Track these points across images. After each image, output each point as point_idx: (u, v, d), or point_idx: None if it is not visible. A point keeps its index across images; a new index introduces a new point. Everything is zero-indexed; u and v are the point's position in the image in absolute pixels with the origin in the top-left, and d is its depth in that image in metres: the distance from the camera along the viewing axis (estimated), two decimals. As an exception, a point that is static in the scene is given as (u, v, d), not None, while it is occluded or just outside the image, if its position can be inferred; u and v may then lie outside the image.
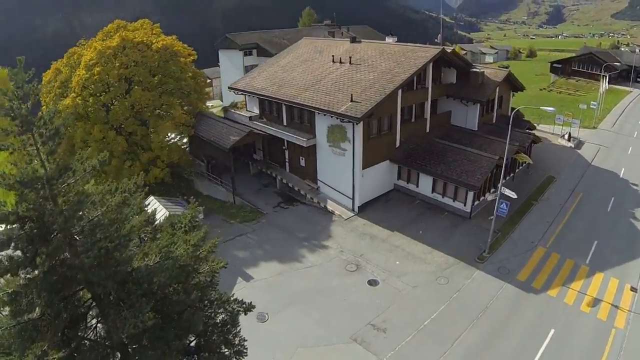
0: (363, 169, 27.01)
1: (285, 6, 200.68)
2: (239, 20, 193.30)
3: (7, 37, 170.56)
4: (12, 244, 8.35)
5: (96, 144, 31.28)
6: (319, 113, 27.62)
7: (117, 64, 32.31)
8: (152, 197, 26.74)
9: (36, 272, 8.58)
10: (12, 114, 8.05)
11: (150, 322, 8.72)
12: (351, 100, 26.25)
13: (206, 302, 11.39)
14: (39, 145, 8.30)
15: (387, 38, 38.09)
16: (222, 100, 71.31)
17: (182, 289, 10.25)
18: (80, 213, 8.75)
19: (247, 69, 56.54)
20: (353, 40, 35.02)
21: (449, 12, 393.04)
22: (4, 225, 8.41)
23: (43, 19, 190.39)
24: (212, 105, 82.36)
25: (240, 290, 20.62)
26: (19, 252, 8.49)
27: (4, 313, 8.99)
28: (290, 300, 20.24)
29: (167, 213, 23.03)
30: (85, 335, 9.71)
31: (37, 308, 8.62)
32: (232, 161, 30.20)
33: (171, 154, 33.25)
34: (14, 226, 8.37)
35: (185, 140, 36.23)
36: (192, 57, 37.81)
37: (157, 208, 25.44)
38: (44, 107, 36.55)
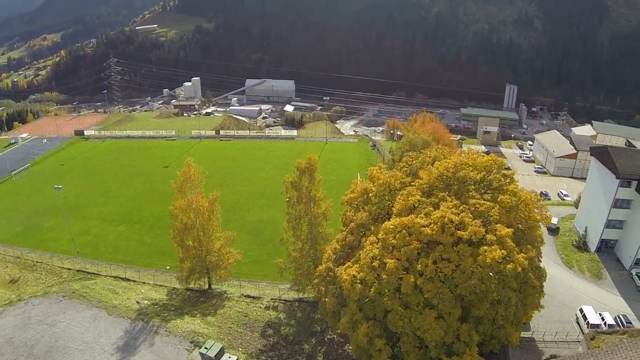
0: None
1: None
2: (628, 53, 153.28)
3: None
4: None
5: None
6: None
7: (419, 266, 23.50)
8: None
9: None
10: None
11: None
12: None
13: None
14: None
15: None
16: (576, 208, 54.80)
17: None
18: None
19: (617, 204, 43.23)
20: None
21: None
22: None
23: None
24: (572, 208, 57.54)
25: None
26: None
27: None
28: None
29: None
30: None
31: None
32: None
33: None
34: None
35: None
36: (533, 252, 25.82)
37: None
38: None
